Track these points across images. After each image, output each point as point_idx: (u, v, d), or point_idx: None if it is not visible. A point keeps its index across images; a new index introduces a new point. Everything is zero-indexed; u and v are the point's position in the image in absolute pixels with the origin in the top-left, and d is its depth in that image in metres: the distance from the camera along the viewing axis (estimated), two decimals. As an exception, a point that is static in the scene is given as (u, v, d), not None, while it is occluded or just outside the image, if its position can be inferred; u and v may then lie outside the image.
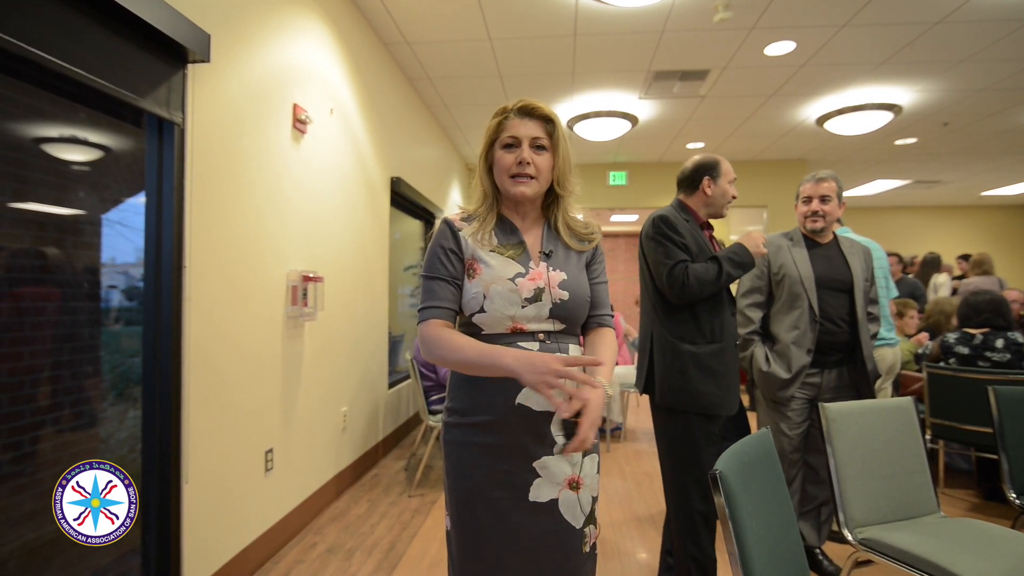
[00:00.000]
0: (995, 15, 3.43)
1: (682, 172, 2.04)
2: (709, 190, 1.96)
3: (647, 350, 1.95)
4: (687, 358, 1.84)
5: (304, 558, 2.48)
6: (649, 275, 1.95)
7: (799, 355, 2.17)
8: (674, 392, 1.84)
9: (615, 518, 2.94)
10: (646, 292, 2.00)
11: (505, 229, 1.26)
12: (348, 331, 3.40)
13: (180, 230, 1.89)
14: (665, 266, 1.85)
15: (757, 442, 1.31)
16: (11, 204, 1.56)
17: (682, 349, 1.85)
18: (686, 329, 1.87)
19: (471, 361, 1.11)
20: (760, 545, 1.12)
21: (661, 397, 1.87)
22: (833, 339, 2.19)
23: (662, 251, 1.87)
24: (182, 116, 1.89)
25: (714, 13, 3.38)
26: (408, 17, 3.56)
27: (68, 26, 1.48)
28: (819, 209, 2.24)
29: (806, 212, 2.27)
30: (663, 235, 1.89)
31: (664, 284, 1.85)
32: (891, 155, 6.77)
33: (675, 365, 1.85)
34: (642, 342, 2.00)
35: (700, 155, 2.03)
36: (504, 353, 1.08)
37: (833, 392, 2.23)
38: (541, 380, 1.01)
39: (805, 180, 2.31)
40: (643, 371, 1.97)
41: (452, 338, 1.14)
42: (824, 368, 2.22)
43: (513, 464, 1.16)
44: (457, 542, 1.19)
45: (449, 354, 1.13)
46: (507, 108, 1.23)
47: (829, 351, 2.20)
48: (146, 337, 1.86)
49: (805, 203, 2.28)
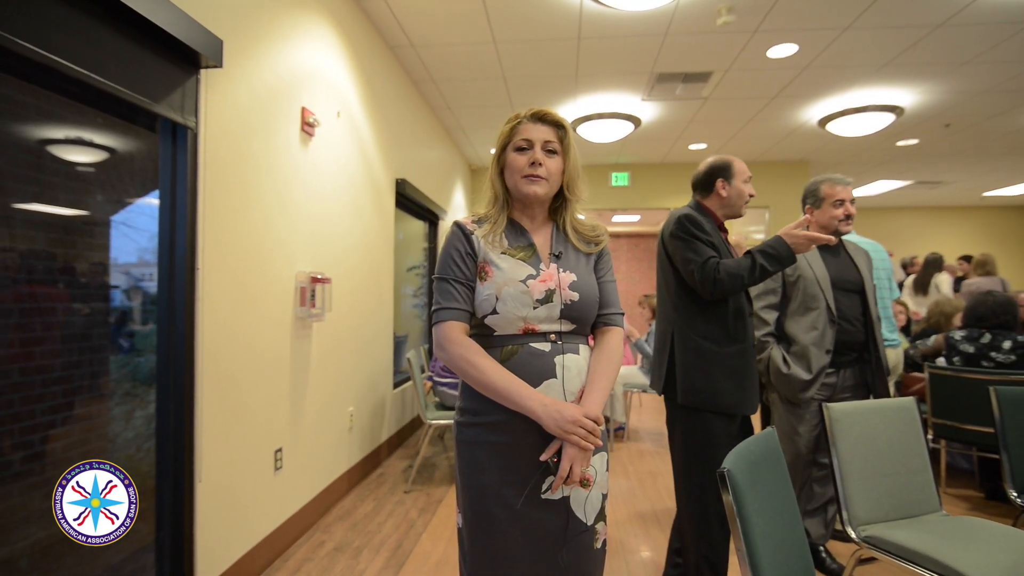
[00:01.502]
0: (998, 17, 3.45)
1: (695, 175, 2.04)
2: (724, 191, 1.96)
3: (666, 350, 1.92)
4: (712, 358, 1.82)
5: (313, 556, 2.51)
6: (673, 274, 1.92)
7: (819, 356, 2.18)
8: (697, 392, 1.82)
9: (619, 517, 2.96)
10: (666, 292, 1.96)
11: (515, 232, 1.29)
12: (355, 332, 3.43)
13: (193, 232, 1.92)
14: (695, 263, 1.82)
15: (763, 441, 1.34)
16: (34, 205, 1.59)
17: (706, 349, 1.83)
18: (711, 329, 1.85)
19: (496, 388, 1.16)
20: (767, 542, 1.14)
21: (684, 396, 1.84)
22: (849, 339, 2.21)
23: (691, 248, 1.84)
24: (195, 120, 1.92)
25: (717, 16, 3.40)
26: (413, 20, 3.59)
27: (87, 33, 1.51)
28: (852, 212, 2.25)
29: (841, 215, 2.25)
30: (689, 233, 1.86)
31: (696, 280, 1.81)
32: (893, 156, 6.78)
33: (698, 365, 1.83)
34: (660, 342, 1.97)
35: (713, 157, 2.03)
36: (531, 396, 1.15)
37: (847, 392, 2.25)
38: (567, 432, 1.12)
39: (833, 183, 2.28)
40: (661, 371, 1.94)
41: (478, 356, 1.18)
42: (840, 368, 2.24)
43: (525, 462, 1.18)
44: (469, 539, 1.22)
45: (471, 369, 1.17)
46: (520, 115, 1.28)
47: (845, 351, 2.22)
48: (160, 338, 1.89)
49: (837, 206, 2.25)
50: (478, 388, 1.19)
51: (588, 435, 1.12)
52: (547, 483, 1.19)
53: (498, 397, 1.16)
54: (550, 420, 1.12)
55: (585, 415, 1.13)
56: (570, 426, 1.11)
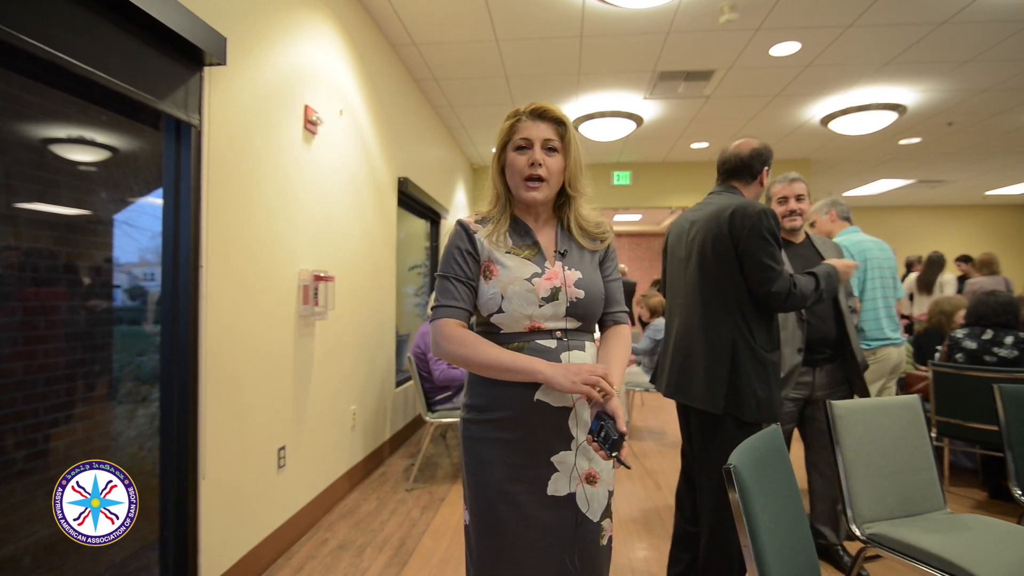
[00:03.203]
0: (1000, 15, 3.44)
1: (736, 158, 1.88)
2: (766, 181, 1.88)
3: (726, 362, 1.71)
4: (769, 368, 1.72)
5: (316, 554, 2.51)
6: (740, 273, 1.72)
7: (790, 355, 2.15)
8: (761, 406, 1.69)
9: (621, 515, 2.96)
10: (726, 294, 1.74)
11: (518, 230, 1.28)
12: (357, 330, 3.43)
13: (197, 230, 1.92)
14: (775, 270, 1.67)
15: (768, 438, 1.34)
16: (38, 205, 1.59)
17: (765, 358, 1.72)
18: (764, 337, 1.74)
19: (503, 365, 1.14)
20: (772, 538, 1.14)
21: (752, 413, 1.68)
22: (821, 335, 2.20)
23: (772, 253, 1.67)
24: (199, 118, 1.91)
25: (720, 14, 3.40)
26: (416, 18, 3.59)
27: (91, 30, 1.51)
28: (796, 208, 2.25)
29: (784, 212, 2.26)
30: (772, 233, 1.68)
31: (770, 288, 1.66)
32: (895, 155, 6.78)
33: (762, 376, 1.71)
34: (717, 352, 1.73)
35: (749, 140, 1.90)
36: (535, 360, 1.13)
37: (826, 390, 2.24)
38: (578, 382, 1.08)
39: (776, 182, 2.30)
40: (721, 386, 1.70)
41: (477, 341, 1.18)
42: (815, 367, 2.24)
43: (531, 459, 1.18)
44: (476, 536, 1.22)
45: (473, 355, 1.16)
46: (519, 111, 1.26)
47: (819, 348, 2.21)
48: (164, 335, 1.89)
49: (781, 203, 2.27)
50: (482, 370, 1.18)
51: (600, 380, 1.08)
52: (552, 480, 1.18)
53: (503, 371, 1.15)
54: (559, 375, 1.09)
55: (592, 372, 1.09)
56: (579, 375, 1.08)
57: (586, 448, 1.20)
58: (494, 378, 1.18)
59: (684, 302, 1.87)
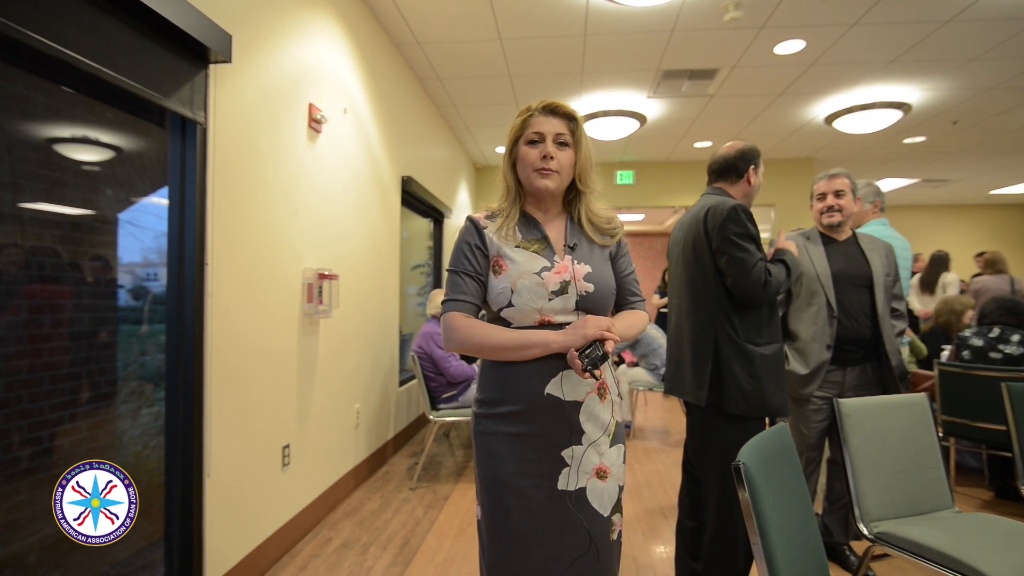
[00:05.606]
0: (1005, 13, 3.43)
1: (723, 160, 1.94)
2: (754, 179, 1.90)
3: (709, 356, 1.78)
4: (757, 360, 1.75)
5: (320, 552, 2.51)
6: (715, 271, 1.80)
7: (818, 351, 2.15)
8: (748, 398, 1.73)
9: (627, 513, 2.96)
10: (704, 292, 1.82)
11: (528, 224, 1.29)
12: (361, 329, 3.43)
13: (202, 228, 1.92)
14: (747, 263, 1.73)
15: (776, 435, 1.33)
16: (43, 204, 1.59)
17: (751, 351, 1.75)
18: (751, 330, 1.77)
19: (516, 342, 1.17)
20: (781, 535, 1.13)
21: (734, 404, 1.73)
22: (853, 334, 2.17)
23: (744, 247, 1.74)
24: (204, 115, 1.92)
25: (724, 12, 3.39)
26: (419, 18, 3.59)
27: (97, 26, 1.51)
28: (834, 204, 2.23)
29: (821, 208, 2.27)
30: (742, 227, 1.75)
31: (744, 282, 1.72)
32: (899, 154, 6.76)
33: (747, 369, 1.74)
34: (700, 346, 1.81)
35: (737, 142, 1.95)
36: (547, 332, 1.17)
37: (856, 390, 2.20)
38: (590, 330, 1.12)
39: (818, 178, 2.32)
40: (703, 379, 1.78)
41: (487, 326, 1.22)
42: (846, 365, 2.20)
43: (542, 453, 1.19)
44: (488, 530, 1.22)
45: (486, 339, 1.19)
46: (532, 107, 1.29)
47: (850, 347, 2.18)
48: (169, 334, 1.89)
49: (819, 199, 2.28)
50: (496, 352, 1.20)
51: (604, 331, 1.13)
52: (563, 475, 1.18)
53: (517, 348, 1.17)
54: (568, 335, 1.14)
55: (597, 324, 1.14)
56: (585, 328, 1.13)
57: (596, 443, 1.20)
58: (509, 359, 1.20)
59: (676, 301, 1.96)
